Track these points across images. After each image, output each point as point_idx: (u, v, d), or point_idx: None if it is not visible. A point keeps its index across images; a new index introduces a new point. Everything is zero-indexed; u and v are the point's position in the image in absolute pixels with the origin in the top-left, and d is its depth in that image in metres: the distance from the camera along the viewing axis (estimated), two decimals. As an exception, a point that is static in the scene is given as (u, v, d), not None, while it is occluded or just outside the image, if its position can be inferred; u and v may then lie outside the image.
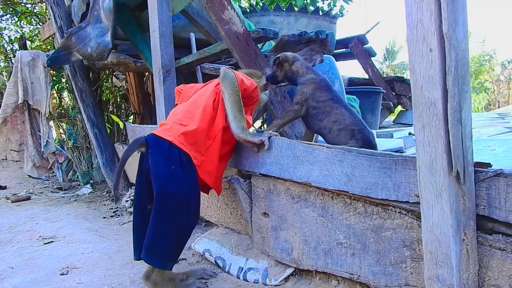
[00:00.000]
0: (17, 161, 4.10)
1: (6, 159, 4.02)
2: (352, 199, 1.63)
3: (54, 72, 4.58)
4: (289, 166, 1.84)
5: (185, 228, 1.89)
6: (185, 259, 2.36)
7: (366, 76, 6.03)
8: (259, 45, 3.25)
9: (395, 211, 1.48)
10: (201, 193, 2.07)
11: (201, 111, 1.97)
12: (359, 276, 1.61)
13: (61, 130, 5.69)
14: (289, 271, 1.95)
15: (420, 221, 1.34)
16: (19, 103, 3.77)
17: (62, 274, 2.24)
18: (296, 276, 1.95)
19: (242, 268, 2.07)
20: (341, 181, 1.60)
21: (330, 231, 1.72)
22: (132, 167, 3.96)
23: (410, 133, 3.12)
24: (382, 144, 2.43)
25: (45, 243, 2.77)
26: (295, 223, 1.89)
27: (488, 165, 1.28)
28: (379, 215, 1.53)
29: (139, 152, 2.01)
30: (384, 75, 6.96)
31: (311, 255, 1.82)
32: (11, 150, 4.01)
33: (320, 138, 2.22)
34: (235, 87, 1.97)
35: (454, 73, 1.17)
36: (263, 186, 2.07)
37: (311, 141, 2.27)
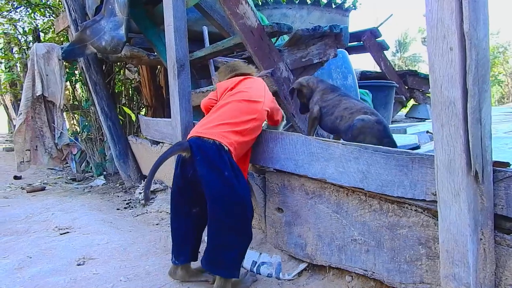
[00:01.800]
0: (27, 161, 4.09)
1: (23, 162, 4.00)
2: (368, 196, 1.64)
3: (68, 65, 4.62)
4: (304, 162, 1.85)
5: (248, 234, 1.86)
6: (199, 252, 2.39)
7: (378, 69, 5.99)
8: (273, 40, 3.24)
9: (411, 209, 1.48)
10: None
11: (252, 123, 1.99)
12: (373, 272, 1.62)
13: (74, 122, 5.75)
14: (303, 266, 1.96)
15: (437, 220, 1.35)
16: (37, 94, 3.80)
17: (78, 265, 2.29)
18: (310, 271, 1.97)
19: (256, 262, 2.10)
20: (357, 178, 1.61)
21: (345, 228, 1.73)
22: (145, 160, 4.00)
23: (427, 131, 3.10)
24: (396, 140, 2.41)
25: (61, 234, 2.82)
26: (309, 219, 1.91)
27: (507, 164, 1.27)
28: (395, 213, 1.54)
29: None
30: (396, 68, 6.89)
31: (325, 251, 1.83)
32: (26, 150, 4.00)
33: None
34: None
35: (474, 72, 1.16)
36: (277, 181, 2.08)
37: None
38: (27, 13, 6.76)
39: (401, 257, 1.52)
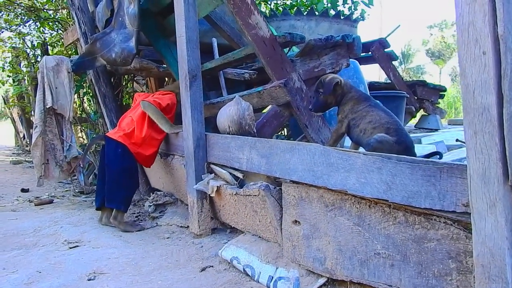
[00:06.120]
0: (41, 176, 4.02)
1: (42, 176, 3.93)
2: (392, 208, 1.57)
3: (76, 77, 4.61)
4: (323, 173, 1.79)
5: (129, 186, 3.24)
6: (212, 266, 2.33)
7: (383, 80, 5.93)
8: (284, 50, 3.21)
9: (439, 221, 1.42)
10: (225, 200, 2.22)
11: (135, 124, 3.28)
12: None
13: (83, 135, 5.73)
14: (322, 281, 1.89)
15: (468, 232, 1.29)
16: (47, 107, 3.78)
17: (89, 280, 2.23)
18: (329, 286, 1.89)
19: (272, 277, 2.03)
20: (380, 189, 1.55)
21: (367, 241, 1.67)
22: (154, 172, 3.96)
23: (457, 140, 3.00)
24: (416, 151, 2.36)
25: (70, 247, 2.76)
26: (328, 232, 1.84)
27: (544, 174, 1.21)
28: (422, 225, 1.47)
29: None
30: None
31: (346, 265, 1.76)
32: (42, 164, 3.92)
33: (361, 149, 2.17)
34: (154, 109, 3.25)
35: (510, 76, 1.11)
36: (294, 193, 2.02)
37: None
38: (36, 27, 6.81)
39: (429, 271, 1.45)
